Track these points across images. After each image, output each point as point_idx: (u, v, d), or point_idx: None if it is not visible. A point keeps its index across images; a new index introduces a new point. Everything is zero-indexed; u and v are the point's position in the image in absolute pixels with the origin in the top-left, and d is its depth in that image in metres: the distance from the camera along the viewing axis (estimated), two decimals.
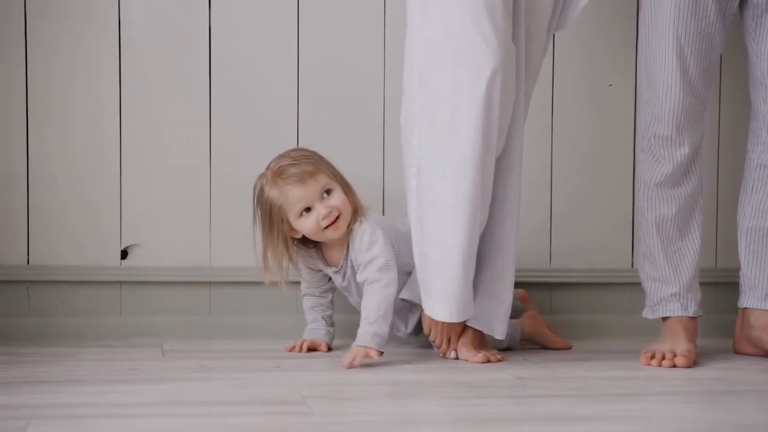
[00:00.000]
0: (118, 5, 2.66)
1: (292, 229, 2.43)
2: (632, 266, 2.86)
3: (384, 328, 2.34)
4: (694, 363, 2.41)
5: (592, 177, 2.86)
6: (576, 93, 2.84)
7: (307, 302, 2.59)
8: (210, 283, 2.72)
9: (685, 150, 2.46)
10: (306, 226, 2.41)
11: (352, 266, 2.46)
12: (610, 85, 2.86)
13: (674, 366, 2.38)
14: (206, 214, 2.71)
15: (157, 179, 2.70)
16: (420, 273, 2.38)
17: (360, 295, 2.44)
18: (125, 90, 2.68)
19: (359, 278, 2.43)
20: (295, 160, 2.42)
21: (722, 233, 2.90)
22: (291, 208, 2.40)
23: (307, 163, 2.42)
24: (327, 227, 2.41)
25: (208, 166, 2.71)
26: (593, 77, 2.85)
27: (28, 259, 2.66)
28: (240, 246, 2.72)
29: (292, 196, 2.40)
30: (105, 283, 2.69)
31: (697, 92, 2.45)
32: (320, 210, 2.40)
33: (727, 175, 2.90)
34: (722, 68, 2.86)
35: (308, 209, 2.41)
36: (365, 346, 2.30)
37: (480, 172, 2.30)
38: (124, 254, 2.69)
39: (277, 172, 2.41)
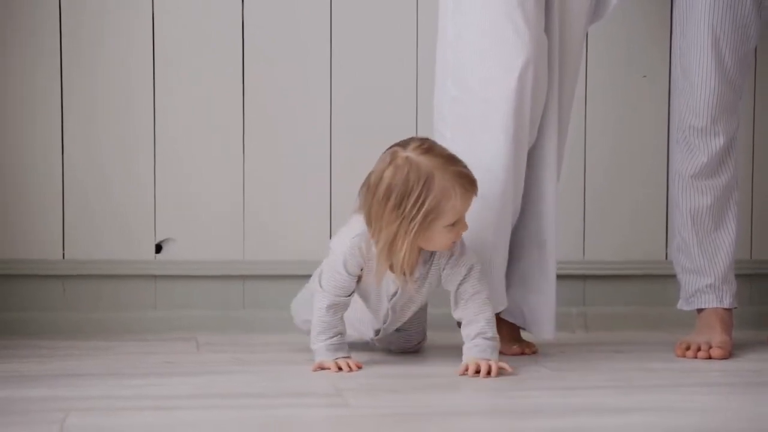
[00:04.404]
0: (152, 2, 2.68)
1: (425, 231, 2.12)
2: (666, 258, 2.84)
3: (498, 344, 2.20)
4: (729, 355, 2.40)
5: (626, 168, 2.85)
6: (610, 84, 2.83)
7: (334, 306, 2.19)
8: (244, 276, 2.73)
9: (720, 141, 2.45)
10: (445, 238, 2.13)
11: (438, 276, 2.21)
12: (644, 76, 2.84)
13: (710, 358, 2.37)
14: (240, 208, 2.72)
15: (190, 174, 2.71)
16: None
17: (413, 308, 2.29)
18: (159, 86, 2.69)
19: (459, 288, 2.18)
20: (465, 166, 2.14)
21: (757, 224, 2.88)
22: (453, 214, 2.11)
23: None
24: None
25: (241, 160, 2.72)
26: (627, 69, 2.84)
27: (63, 253, 2.68)
28: (273, 239, 2.73)
29: (465, 204, 2.12)
30: (139, 277, 2.70)
31: (732, 83, 2.43)
32: (465, 228, 2.15)
33: (762, 165, 2.88)
34: (757, 59, 2.84)
35: (455, 222, 2.13)
36: (491, 359, 2.13)
37: (511, 164, 2.29)
38: (158, 248, 2.71)
39: (459, 172, 2.12)
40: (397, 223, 2.09)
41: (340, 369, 2.14)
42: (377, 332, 2.32)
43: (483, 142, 2.29)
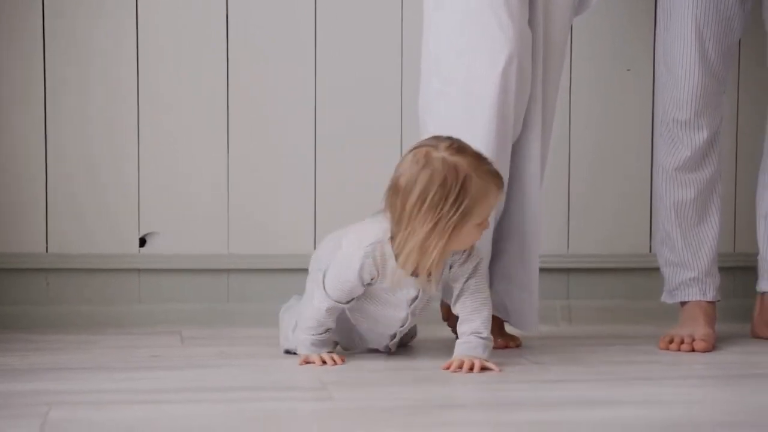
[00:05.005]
0: None
1: (458, 231, 2.10)
2: (650, 251, 2.85)
3: (492, 344, 2.19)
4: (712, 347, 2.41)
5: (610, 162, 2.86)
6: (594, 78, 2.84)
7: (332, 309, 2.18)
8: (228, 270, 2.73)
9: (704, 134, 2.46)
10: (473, 236, 2.11)
11: (448, 273, 2.18)
12: (629, 69, 2.85)
13: (693, 350, 2.38)
14: (224, 202, 2.72)
15: (174, 167, 2.70)
16: None
17: (428, 308, 2.27)
18: (143, 79, 2.68)
19: (463, 286, 2.17)
20: (491, 163, 2.14)
21: (741, 217, 2.89)
22: (486, 213, 2.11)
23: None
24: None
25: (225, 153, 2.71)
26: (611, 62, 2.84)
27: (46, 247, 2.67)
28: (258, 233, 2.72)
29: (496, 202, 2.12)
30: (123, 271, 2.70)
31: (716, 76, 2.44)
32: (488, 225, 2.14)
33: (745, 159, 2.89)
34: (741, 52, 2.85)
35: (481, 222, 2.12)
36: (481, 358, 2.12)
37: (495, 158, 2.29)
38: (142, 242, 2.70)
39: (491, 170, 2.11)
40: (432, 224, 2.05)
41: (324, 363, 2.14)
42: (393, 336, 2.26)
43: (467, 136, 2.28)
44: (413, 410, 1.78)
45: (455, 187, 2.06)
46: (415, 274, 2.13)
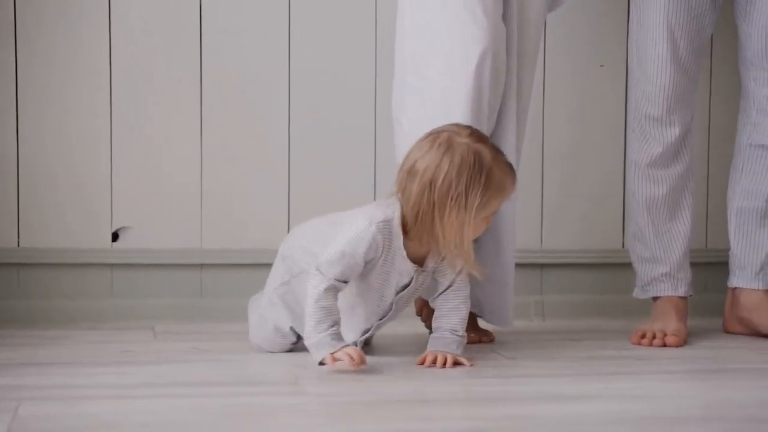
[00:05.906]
0: None
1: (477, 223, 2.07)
2: (623, 246, 2.86)
3: (465, 342, 2.18)
4: (684, 342, 2.42)
5: (584, 157, 2.87)
6: (567, 73, 2.84)
7: (331, 289, 2.05)
8: (201, 265, 2.72)
9: (676, 130, 2.47)
10: (478, 230, 2.08)
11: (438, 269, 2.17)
12: (602, 65, 2.86)
13: (665, 345, 2.39)
14: (197, 197, 2.71)
15: (148, 162, 2.69)
16: None
17: (411, 301, 2.24)
18: (116, 73, 2.67)
19: (449, 281, 2.16)
20: (506, 157, 2.12)
21: (712, 214, 2.91)
22: (495, 208, 2.08)
23: None
24: None
25: (199, 148, 2.71)
26: (584, 58, 2.85)
27: (18, 241, 2.66)
28: (231, 228, 2.72)
29: (507, 197, 2.10)
30: (96, 266, 2.68)
31: (687, 72, 2.45)
32: (490, 221, 2.13)
33: (717, 155, 2.90)
34: (713, 48, 2.87)
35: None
36: (454, 354, 2.12)
37: None
38: (114, 237, 2.69)
39: (507, 162, 2.09)
40: (471, 216, 2.01)
41: (359, 364, 2.00)
42: (366, 331, 2.20)
43: None
44: (386, 405, 1.79)
45: (481, 176, 2.02)
46: (414, 260, 2.11)
